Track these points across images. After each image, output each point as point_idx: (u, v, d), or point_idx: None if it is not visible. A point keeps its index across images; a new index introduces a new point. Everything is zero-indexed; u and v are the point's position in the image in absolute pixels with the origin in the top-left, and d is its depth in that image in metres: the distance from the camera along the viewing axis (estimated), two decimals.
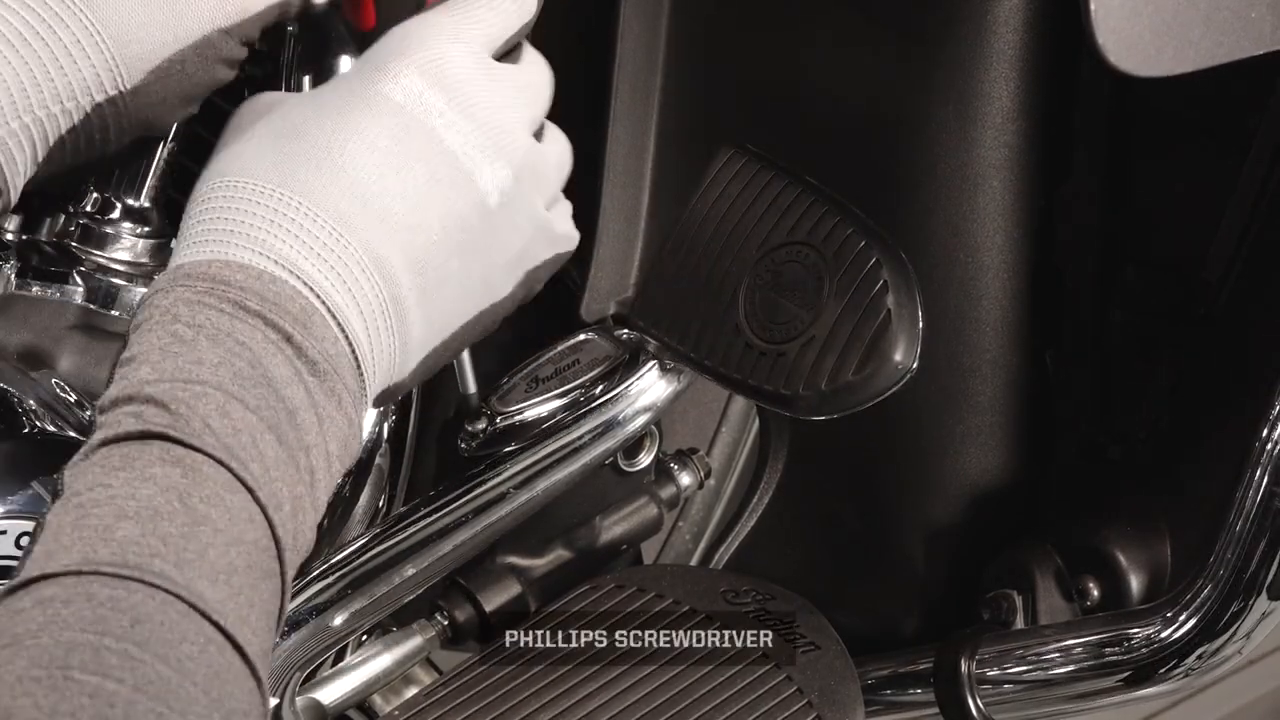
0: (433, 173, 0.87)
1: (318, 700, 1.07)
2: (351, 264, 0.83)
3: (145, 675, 0.66)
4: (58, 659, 0.65)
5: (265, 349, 0.79)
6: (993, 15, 1.05)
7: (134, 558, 0.70)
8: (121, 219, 1.03)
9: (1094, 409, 1.19)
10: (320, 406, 0.80)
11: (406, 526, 1.05)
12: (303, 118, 0.86)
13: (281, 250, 0.82)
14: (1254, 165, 1.10)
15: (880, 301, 0.95)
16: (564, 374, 1.08)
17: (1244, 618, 1.09)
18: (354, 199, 0.84)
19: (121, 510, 0.72)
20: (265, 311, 0.80)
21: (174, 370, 0.77)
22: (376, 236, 0.84)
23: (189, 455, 0.74)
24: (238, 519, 0.74)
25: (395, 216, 0.85)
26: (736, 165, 1.03)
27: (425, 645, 1.09)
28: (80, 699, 0.64)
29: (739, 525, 1.27)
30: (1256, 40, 1.00)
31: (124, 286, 1.01)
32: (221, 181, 0.84)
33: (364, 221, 0.84)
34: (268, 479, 0.76)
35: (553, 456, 1.06)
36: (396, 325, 0.85)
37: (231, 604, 0.72)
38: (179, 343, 0.78)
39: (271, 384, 0.78)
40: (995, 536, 1.19)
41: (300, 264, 0.82)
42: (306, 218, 0.83)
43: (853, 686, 1.06)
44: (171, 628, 0.69)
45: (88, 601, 0.68)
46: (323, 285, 0.82)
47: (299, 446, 0.78)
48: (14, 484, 0.93)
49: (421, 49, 0.89)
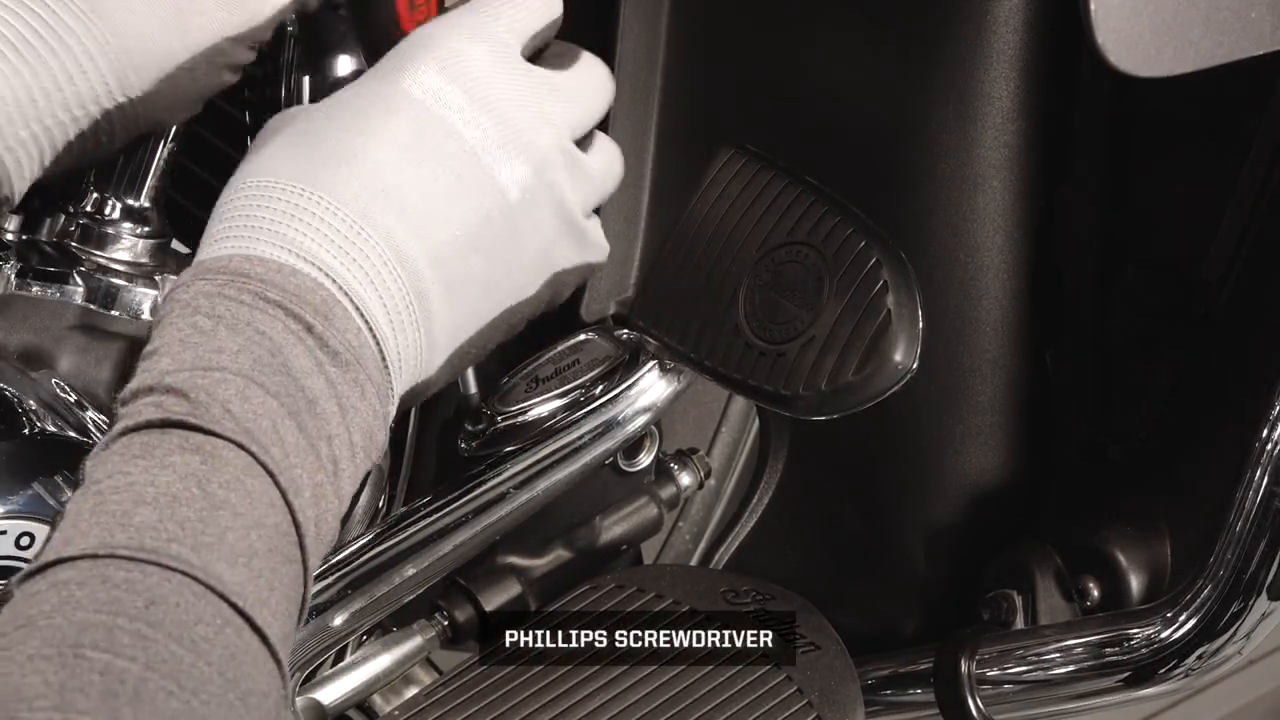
0: (452, 168, 0.87)
1: (318, 700, 1.07)
2: (373, 256, 0.84)
3: (157, 654, 0.66)
4: (69, 638, 0.66)
5: (285, 339, 0.79)
6: (993, 15, 1.05)
7: (151, 541, 0.70)
8: (121, 219, 1.03)
9: (1094, 409, 1.19)
10: (343, 396, 0.80)
11: (406, 526, 1.05)
12: (324, 119, 0.87)
13: (302, 243, 0.82)
14: (1254, 165, 1.10)
15: (880, 301, 0.95)
16: (564, 374, 1.08)
17: (1244, 618, 1.09)
18: (374, 193, 0.85)
19: (140, 496, 0.72)
20: (286, 302, 0.80)
21: (193, 359, 0.77)
22: (397, 229, 0.85)
23: (208, 441, 0.75)
24: (258, 503, 0.74)
25: (415, 210, 0.86)
26: (736, 165, 1.03)
27: (425, 645, 1.09)
28: (90, 676, 0.64)
29: (739, 525, 1.27)
30: (1256, 40, 1.00)
31: (124, 286, 1.01)
32: (244, 184, 0.85)
33: (384, 214, 0.85)
34: (288, 464, 0.76)
35: (553, 456, 1.06)
36: (421, 318, 0.85)
37: (251, 587, 0.72)
38: (199, 333, 0.78)
39: (291, 373, 0.78)
40: (995, 536, 1.19)
41: (321, 256, 0.82)
42: (327, 211, 0.83)
43: (853, 686, 1.06)
44: (187, 609, 0.69)
45: (103, 584, 0.68)
46: (344, 277, 0.83)
47: (320, 435, 0.79)
48: (14, 484, 0.93)
49: (441, 46, 0.89)
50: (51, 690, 0.63)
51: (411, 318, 0.85)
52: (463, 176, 0.87)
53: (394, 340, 0.84)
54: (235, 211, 0.84)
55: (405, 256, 0.85)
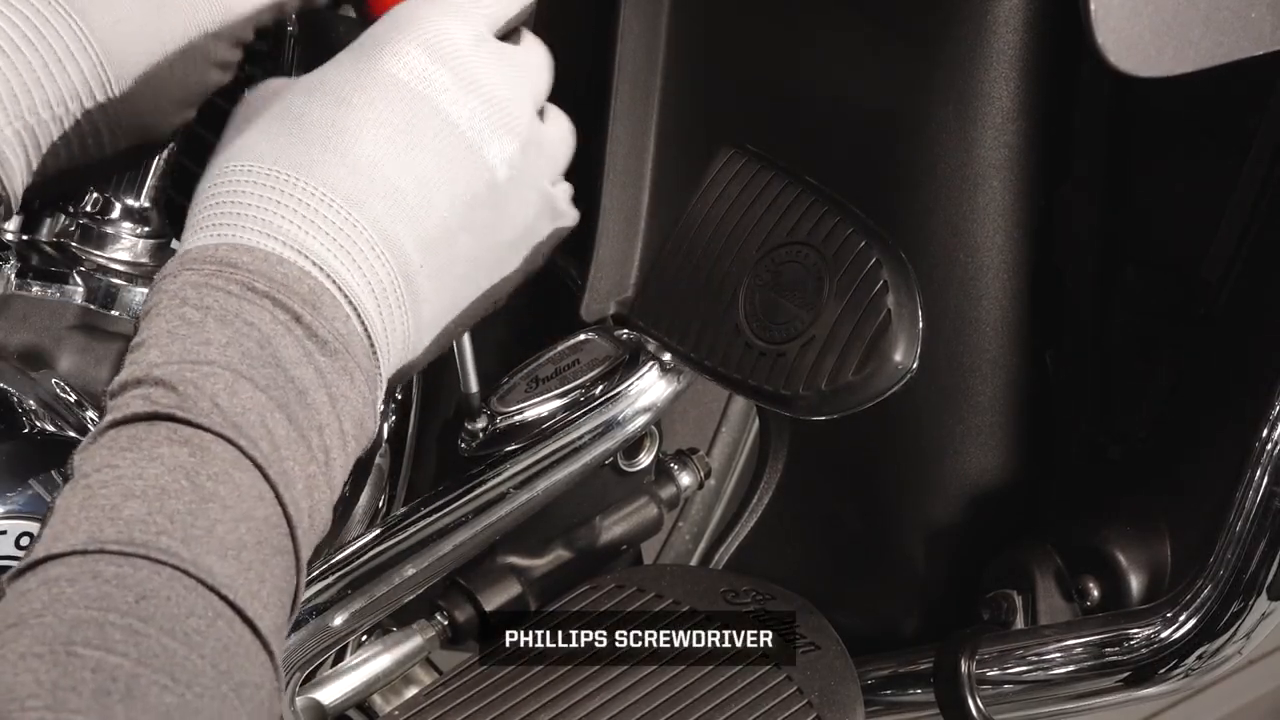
0: (441, 149, 0.87)
1: (318, 700, 1.07)
2: (361, 243, 0.83)
3: (149, 649, 0.66)
4: (61, 635, 0.66)
5: (274, 329, 0.79)
6: (993, 15, 1.05)
7: (140, 535, 0.70)
8: (121, 219, 1.03)
9: (1094, 409, 1.19)
10: (332, 385, 0.80)
11: (406, 526, 1.05)
12: (307, 99, 0.86)
13: (289, 231, 0.82)
14: (1254, 165, 1.10)
15: (880, 301, 0.95)
16: (564, 374, 1.08)
17: (1244, 618, 1.09)
18: (362, 178, 0.84)
19: (128, 490, 0.72)
20: (273, 292, 0.80)
21: (181, 352, 0.77)
22: (386, 214, 0.85)
23: (197, 434, 0.75)
24: (247, 496, 0.74)
25: (404, 194, 0.85)
26: (736, 165, 1.03)
27: (425, 645, 1.09)
28: (82, 673, 0.64)
29: (739, 525, 1.27)
30: (1256, 40, 1.00)
31: (124, 286, 1.01)
32: (227, 167, 0.85)
33: (373, 200, 0.84)
34: (277, 456, 0.76)
35: (553, 456, 1.06)
36: (409, 302, 0.85)
37: (241, 579, 0.72)
38: (186, 325, 0.78)
39: (281, 364, 0.78)
40: (995, 536, 1.19)
41: (309, 244, 0.82)
42: (314, 198, 0.83)
43: (853, 686, 1.06)
44: (178, 603, 0.69)
45: (93, 579, 0.68)
46: (332, 265, 0.82)
47: (311, 425, 0.78)
48: (14, 484, 0.93)
49: (423, 25, 0.89)
50: (44, 689, 0.63)
51: (400, 303, 0.85)
52: (452, 158, 0.87)
53: (382, 326, 0.84)
54: (220, 198, 0.83)
55: (394, 242, 0.84)
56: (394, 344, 0.85)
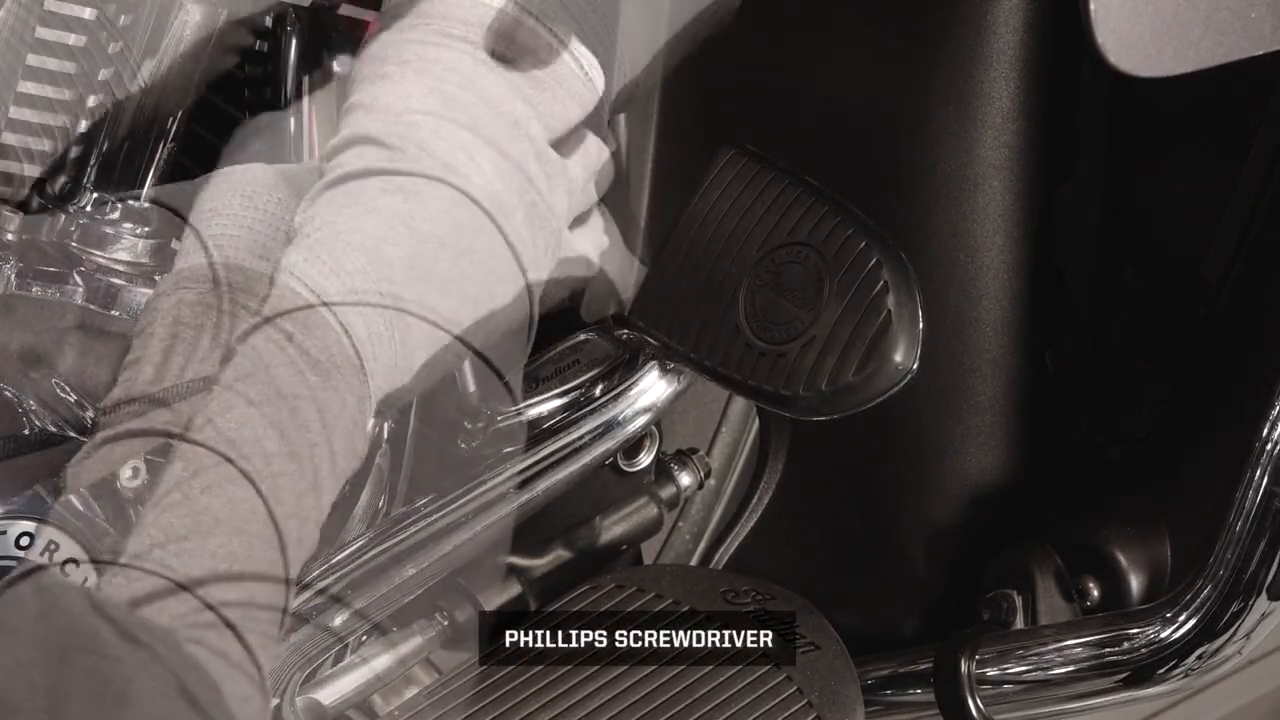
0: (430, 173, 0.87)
1: (318, 700, 1.07)
2: (350, 265, 0.84)
3: (142, 658, 0.67)
4: (55, 642, 0.66)
5: (266, 348, 0.79)
6: (993, 15, 1.05)
7: (135, 547, 0.70)
8: (121, 219, 1.03)
9: (1094, 409, 1.19)
10: (323, 405, 0.80)
11: (406, 526, 1.05)
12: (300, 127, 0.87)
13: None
14: (1254, 165, 1.10)
15: (880, 302, 0.95)
16: (564, 374, 1.08)
17: (1244, 618, 1.09)
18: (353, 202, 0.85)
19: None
20: (266, 311, 0.80)
21: (176, 370, 0.77)
22: (375, 237, 0.85)
23: (191, 450, 0.75)
24: (239, 510, 0.75)
25: (394, 218, 0.85)
26: (736, 165, 1.03)
27: (425, 645, 1.09)
28: (76, 678, 0.65)
29: (739, 525, 1.27)
30: (1256, 40, 1.00)
31: (124, 286, 1.01)
32: (222, 189, 0.85)
33: (362, 224, 0.84)
34: (269, 473, 0.77)
35: (553, 456, 1.06)
36: (397, 325, 0.85)
37: (232, 592, 0.72)
38: (180, 343, 0.78)
39: (273, 382, 0.78)
40: (995, 536, 1.19)
41: (300, 265, 0.82)
42: (306, 220, 0.83)
43: (853, 686, 1.06)
44: (170, 614, 0.69)
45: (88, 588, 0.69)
46: (323, 286, 0.82)
47: (301, 444, 0.79)
48: (14, 484, 0.93)
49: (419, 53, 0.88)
50: (38, 694, 0.64)
51: (388, 325, 0.85)
52: (442, 183, 0.87)
53: (371, 348, 0.84)
54: (215, 217, 0.84)
55: (383, 265, 0.85)
56: (382, 367, 0.85)
